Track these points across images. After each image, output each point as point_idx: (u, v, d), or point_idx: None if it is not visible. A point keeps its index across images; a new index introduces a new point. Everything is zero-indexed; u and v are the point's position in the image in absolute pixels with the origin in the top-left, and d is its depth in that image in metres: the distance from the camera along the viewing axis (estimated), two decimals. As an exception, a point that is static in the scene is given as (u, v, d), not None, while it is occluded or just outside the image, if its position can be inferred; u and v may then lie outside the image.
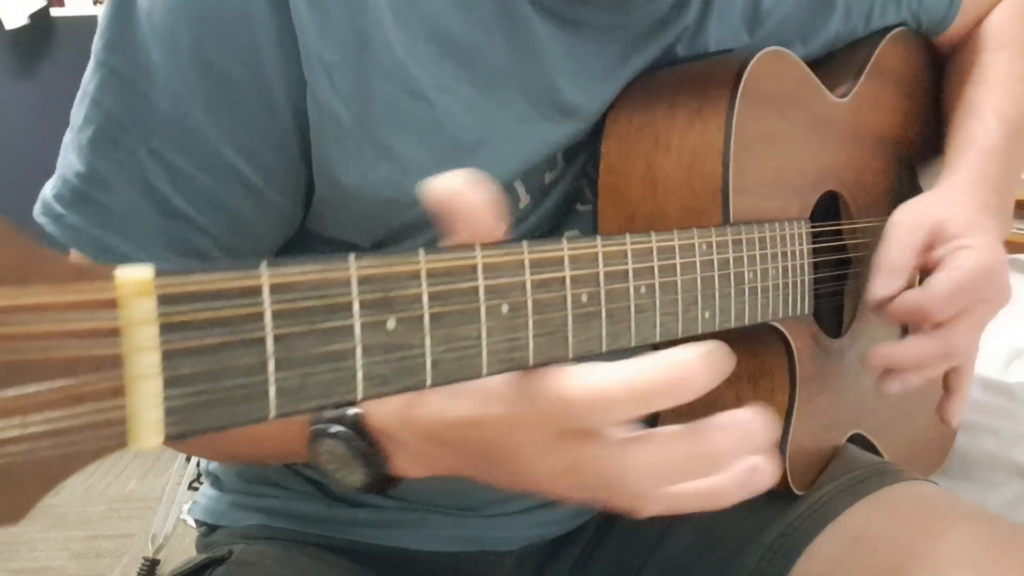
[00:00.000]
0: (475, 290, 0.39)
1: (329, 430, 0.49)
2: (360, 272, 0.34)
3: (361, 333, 0.34)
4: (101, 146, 0.57)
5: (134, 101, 0.56)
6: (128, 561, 2.04)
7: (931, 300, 0.67)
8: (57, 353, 0.26)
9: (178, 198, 0.58)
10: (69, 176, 0.58)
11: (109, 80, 0.57)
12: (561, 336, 0.43)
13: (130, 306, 0.28)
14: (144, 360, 0.28)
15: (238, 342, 0.30)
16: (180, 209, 0.58)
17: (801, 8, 0.75)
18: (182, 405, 0.29)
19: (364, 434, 0.49)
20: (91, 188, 0.58)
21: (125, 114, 0.57)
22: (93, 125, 0.57)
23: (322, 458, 0.51)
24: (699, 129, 0.62)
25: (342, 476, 0.50)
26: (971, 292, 0.68)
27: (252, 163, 0.58)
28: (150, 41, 0.56)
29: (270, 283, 0.31)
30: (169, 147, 0.57)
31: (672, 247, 0.51)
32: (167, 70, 0.55)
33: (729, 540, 0.72)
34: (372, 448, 0.49)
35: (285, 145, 0.58)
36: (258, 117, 0.57)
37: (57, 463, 0.27)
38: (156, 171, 0.57)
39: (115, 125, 0.57)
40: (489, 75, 0.61)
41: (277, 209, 0.61)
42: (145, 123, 0.56)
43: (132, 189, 0.57)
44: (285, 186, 0.60)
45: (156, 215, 0.57)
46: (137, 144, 0.57)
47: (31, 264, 0.26)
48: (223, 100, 0.56)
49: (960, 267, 0.68)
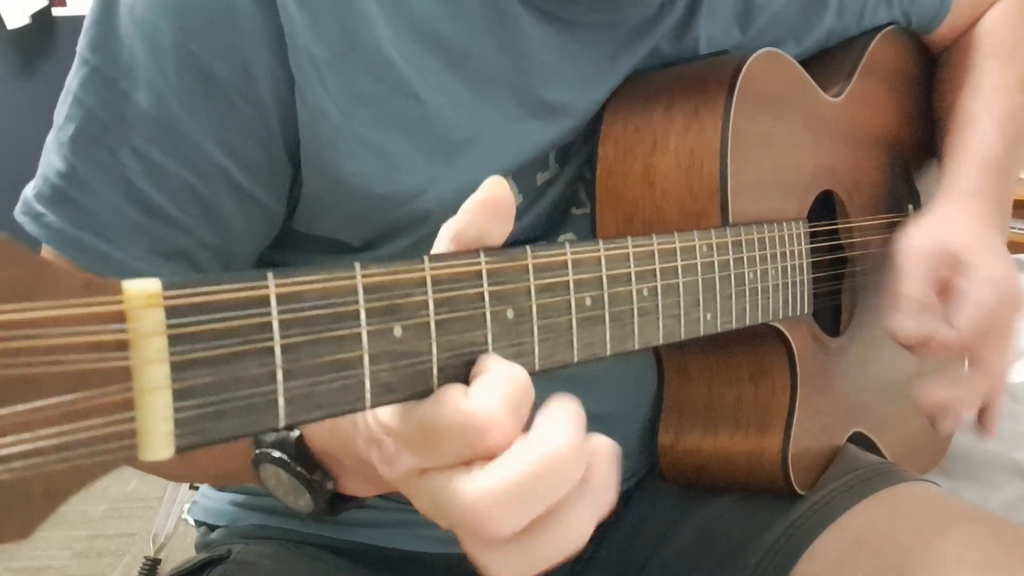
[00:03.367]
0: (480, 296, 0.39)
1: (272, 455, 0.48)
2: (366, 280, 0.34)
3: (368, 341, 0.34)
4: (81, 145, 0.56)
5: (115, 99, 0.56)
6: (129, 561, 2.04)
7: (966, 337, 0.70)
8: (66, 367, 0.26)
9: (160, 197, 0.57)
10: (50, 175, 0.57)
11: (91, 79, 0.56)
12: (566, 340, 0.43)
13: (138, 318, 0.27)
14: (153, 372, 0.28)
15: (247, 352, 0.30)
16: (162, 208, 0.57)
17: (793, 5, 0.75)
18: (192, 416, 0.29)
19: (306, 458, 0.48)
20: (71, 188, 0.57)
21: (106, 113, 0.56)
22: (74, 124, 0.57)
23: (268, 484, 0.50)
24: (696, 131, 0.62)
25: (290, 501, 0.49)
26: (998, 322, 0.71)
27: (236, 160, 0.57)
28: (132, 37, 0.55)
29: (277, 293, 0.31)
30: (151, 145, 0.56)
31: (673, 249, 0.52)
32: (149, 67, 0.55)
33: (730, 540, 0.72)
34: (315, 473, 0.48)
35: (270, 142, 0.58)
36: (243, 113, 0.56)
37: (67, 477, 0.26)
38: (137, 170, 0.56)
39: (96, 124, 0.56)
40: (479, 73, 0.61)
41: (261, 207, 0.60)
42: (126, 121, 0.56)
43: (113, 188, 0.56)
44: (269, 183, 0.59)
45: (137, 214, 0.57)
46: (118, 143, 0.56)
47: (39, 278, 0.26)
48: (207, 96, 0.55)
49: (985, 301, 0.70)
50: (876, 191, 0.82)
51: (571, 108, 0.65)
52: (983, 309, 0.70)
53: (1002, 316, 0.71)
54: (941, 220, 0.76)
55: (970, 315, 0.70)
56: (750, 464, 0.68)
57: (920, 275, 0.71)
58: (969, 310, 0.70)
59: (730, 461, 0.69)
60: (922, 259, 0.72)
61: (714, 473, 0.70)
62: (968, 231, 0.74)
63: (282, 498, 0.50)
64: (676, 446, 0.70)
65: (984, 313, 0.70)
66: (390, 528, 0.73)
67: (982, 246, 0.73)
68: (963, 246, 0.72)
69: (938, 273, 0.72)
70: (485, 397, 0.35)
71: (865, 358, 0.79)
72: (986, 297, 0.70)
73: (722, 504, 0.73)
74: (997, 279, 0.71)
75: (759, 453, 0.67)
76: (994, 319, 0.71)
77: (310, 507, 0.49)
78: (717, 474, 0.70)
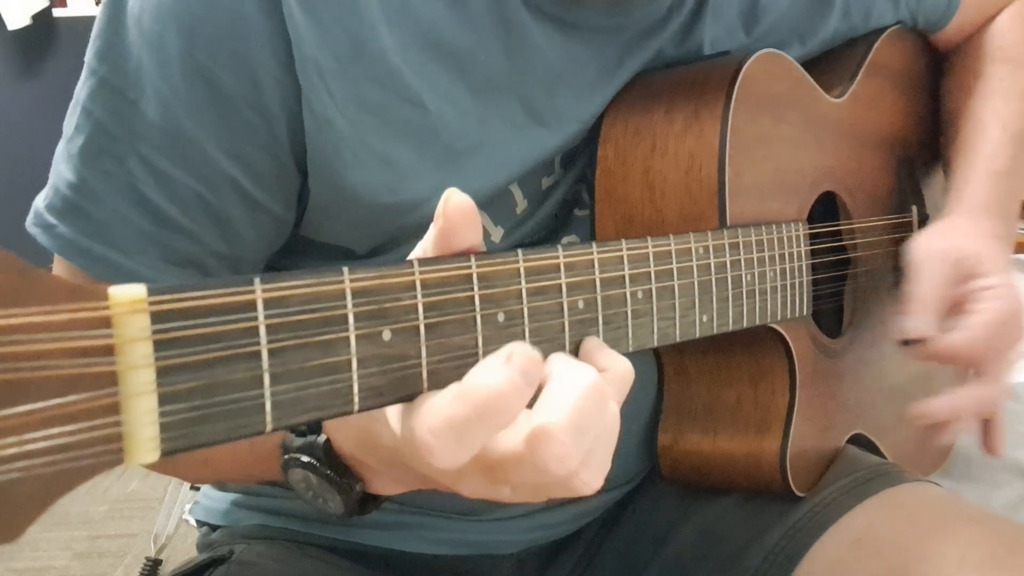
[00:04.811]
0: (471, 299, 0.39)
1: (301, 459, 0.49)
2: (354, 284, 0.34)
3: (356, 345, 0.34)
4: (90, 156, 0.57)
5: (123, 110, 0.56)
6: (130, 561, 2.05)
7: (972, 344, 0.71)
8: (52, 372, 0.27)
9: (169, 206, 0.57)
10: (60, 186, 0.58)
11: (99, 89, 0.57)
12: (558, 344, 0.43)
13: (124, 324, 0.28)
14: (139, 377, 0.28)
15: (232, 357, 0.30)
16: (171, 217, 0.57)
17: (798, 6, 0.75)
18: (178, 421, 0.29)
19: (335, 461, 0.49)
20: (81, 198, 0.57)
21: (114, 124, 0.56)
22: (83, 135, 0.57)
23: (298, 487, 0.51)
24: (695, 133, 0.62)
25: (320, 504, 0.51)
26: (1004, 334, 0.72)
27: (244, 169, 0.58)
28: (139, 48, 0.55)
29: (264, 298, 0.31)
30: (159, 155, 0.56)
31: (668, 252, 0.52)
32: (157, 77, 0.55)
33: (731, 542, 0.72)
34: (344, 475, 0.49)
35: (277, 150, 0.58)
36: (250, 122, 0.57)
37: (54, 481, 0.27)
38: (146, 180, 0.57)
39: (104, 135, 0.57)
40: (484, 81, 0.61)
41: (269, 215, 0.61)
42: (134, 131, 0.56)
43: (122, 199, 0.57)
44: (277, 192, 0.60)
45: (147, 224, 0.57)
46: (126, 153, 0.56)
47: (25, 284, 0.26)
48: (213, 105, 0.56)
49: (995, 310, 0.72)
50: (879, 192, 0.82)
51: (576, 113, 0.65)
52: (993, 318, 0.71)
53: (1008, 330, 0.72)
54: (957, 228, 0.77)
55: (980, 320, 0.71)
56: (749, 465, 0.68)
57: (936, 278, 0.72)
58: (980, 316, 0.71)
59: (729, 462, 0.69)
60: (939, 263, 0.73)
61: (713, 474, 0.70)
62: (982, 243, 0.75)
63: (311, 501, 0.51)
64: (676, 447, 0.70)
65: (993, 321, 0.71)
66: (392, 530, 0.74)
67: (995, 259, 0.74)
68: (978, 257, 0.73)
69: (953, 278, 0.73)
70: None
71: (866, 359, 0.79)
72: (997, 307, 0.72)
73: (723, 506, 0.74)
74: (1008, 293, 0.73)
75: (758, 454, 0.67)
76: (1001, 331, 0.72)
77: (340, 509, 0.50)
78: (716, 475, 0.70)
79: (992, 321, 0.71)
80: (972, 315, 0.71)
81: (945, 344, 0.71)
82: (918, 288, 0.72)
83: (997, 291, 0.72)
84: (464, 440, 0.36)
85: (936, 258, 0.73)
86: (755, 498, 0.72)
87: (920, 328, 0.71)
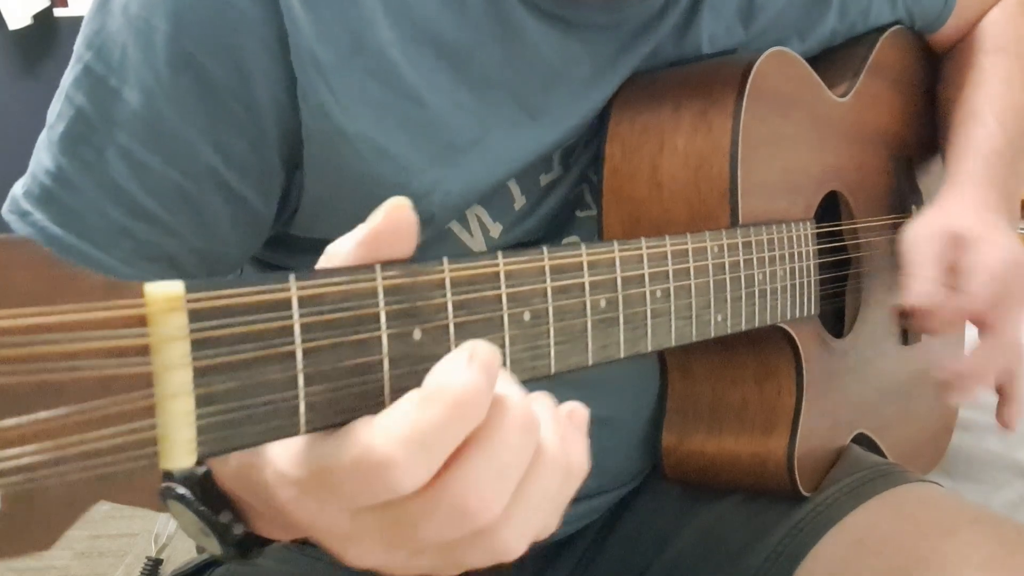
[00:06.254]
0: (498, 298, 0.38)
1: (176, 491, 0.43)
2: (386, 282, 0.33)
3: (388, 345, 0.33)
4: (70, 144, 0.56)
5: (104, 98, 0.55)
6: (131, 560, 2.02)
7: (978, 303, 0.70)
8: (87, 373, 0.25)
9: (146, 198, 0.56)
10: (39, 174, 0.57)
11: (82, 77, 0.55)
12: (581, 344, 0.43)
13: (160, 323, 0.27)
14: (176, 378, 0.27)
15: (269, 357, 0.29)
16: (148, 209, 0.56)
17: (796, 2, 0.75)
18: (215, 423, 0.28)
19: (213, 497, 0.43)
20: (58, 187, 0.56)
21: (95, 111, 0.55)
22: (63, 122, 0.56)
23: (178, 521, 0.44)
24: (705, 131, 0.62)
25: (200, 541, 0.44)
26: (1009, 290, 0.71)
27: (226, 161, 0.56)
28: (124, 35, 0.54)
29: (299, 296, 0.30)
30: (139, 145, 0.55)
31: (685, 250, 0.51)
32: (141, 65, 0.54)
33: (733, 542, 0.72)
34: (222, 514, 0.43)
35: (262, 144, 0.57)
36: (235, 114, 0.55)
37: (88, 487, 0.26)
38: (123, 170, 0.55)
39: (84, 123, 0.55)
40: (481, 77, 0.60)
41: (249, 209, 0.59)
42: (114, 120, 0.55)
43: (98, 189, 0.55)
44: (259, 186, 0.59)
45: (122, 216, 0.56)
46: (105, 142, 0.55)
47: (59, 282, 0.25)
48: (199, 96, 0.54)
49: (986, 260, 0.71)
50: (881, 192, 0.82)
51: (572, 109, 0.64)
52: (993, 275, 0.71)
53: (1013, 285, 0.71)
54: (945, 209, 0.76)
55: (981, 280, 0.71)
56: (754, 466, 0.68)
57: (927, 258, 0.72)
58: (980, 276, 0.71)
59: (734, 462, 0.68)
60: (928, 244, 0.72)
61: (718, 474, 0.70)
62: (972, 215, 0.74)
63: (192, 537, 0.45)
64: (680, 447, 0.70)
65: (995, 278, 0.71)
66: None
67: (986, 225, 0.73)
68: (967, 228, 0.73)
69: (944, 255, 0.72)
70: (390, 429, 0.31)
71: (868, 358, 0.79)
72: (996, 264, 0.71)
73: (725, 506, 0.73)
74: (1005, 250, 0.72)
75: (764, 455, 0.67)
76: (1005, 287, 0.71)
77: (218, 550, 0.43)
78: (721, 475, 0.69)
79: (992, 274, 0.71)
80: (973, 275, 0.71)
81: (950, 308, 0.70)
82: (913, 263, 0.72)
83: (993, 250, 0.71)
84: (432, 449, 0.31)
85: (926, 240, 0.73)
86: (757, 498, 0.72)
87: (919, 292, 0.71)
